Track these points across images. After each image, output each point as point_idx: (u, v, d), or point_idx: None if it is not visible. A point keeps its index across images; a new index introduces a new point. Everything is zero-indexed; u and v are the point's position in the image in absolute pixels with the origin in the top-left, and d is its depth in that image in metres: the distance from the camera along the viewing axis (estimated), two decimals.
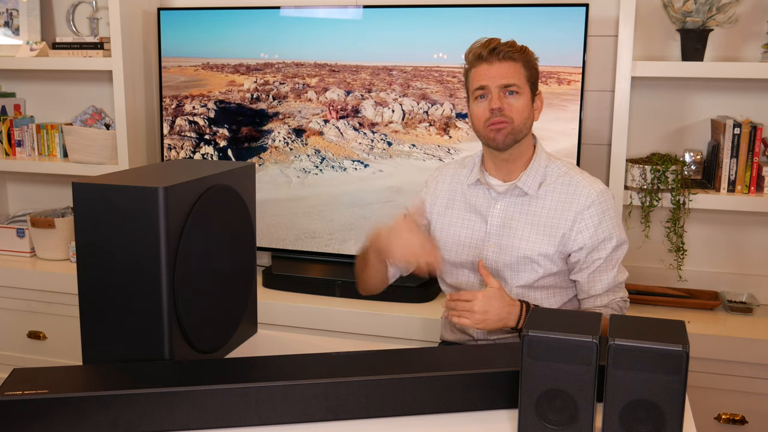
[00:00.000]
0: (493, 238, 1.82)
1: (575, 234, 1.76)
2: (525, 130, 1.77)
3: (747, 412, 2.40)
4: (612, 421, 1.22)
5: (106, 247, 1.44)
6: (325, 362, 1.43)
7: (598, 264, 1.77)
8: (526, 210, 1.80)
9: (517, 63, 1.74)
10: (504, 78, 1.73)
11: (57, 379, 1.33)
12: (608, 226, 1.77)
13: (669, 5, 2.48)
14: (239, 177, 1.70)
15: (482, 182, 1.84)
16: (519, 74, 1.74)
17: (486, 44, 1.74)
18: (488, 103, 1.74)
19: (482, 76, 1.74)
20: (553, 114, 2.53)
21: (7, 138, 3.24)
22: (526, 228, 1.79)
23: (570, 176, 1.81)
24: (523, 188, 1.80)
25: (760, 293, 2.66)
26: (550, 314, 1.34)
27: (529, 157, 1.82)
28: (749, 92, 2.59)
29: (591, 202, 1.76)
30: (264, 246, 2.91)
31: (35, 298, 3.01)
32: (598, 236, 1.76)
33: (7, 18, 3.19)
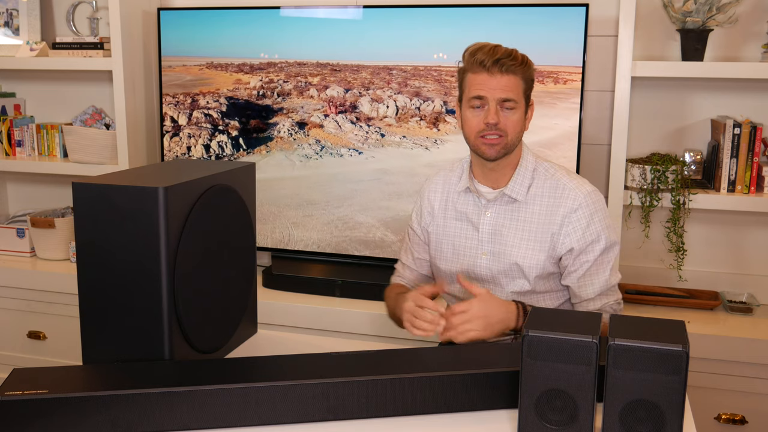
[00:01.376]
0: (485, 246, 1.82)
1: (563, 237, 1.76)
2: (516, 143, 1.77)
3: (747, 412, 2.40)
4: (612, 421, 1.22)
5: (106, 247, 1.44)
6: (325, 362, 1.43)
7: (587, 267, 1.76)
8: (516, 216, 1.80)
9: (517, 77, 1.72)
10: (503, 92, 1.71)
11: (57, 379, 1.33)
12: (597, 228, 1.75)
13: (669, 5, 2.48)
14: (239, 177, 1.70)
15: (472, 190, 1.84)
16: (518, 88, 1.72)
17: (490, 53, 1.71)
18: (484, 115, 1.72)
19: (482, 86, 1.72)
20: (554, 111, 2.53)
21: (7, 138, 3.24)
22: (517, 235, 1.79)
23: (556, 179, 1.80)
24: (511, 195, 1.79)
25: (760, 293, 2.66)
26: (550, 314, 1.34)
27: (516, 162, 1.81)
28: (749, 92, 2.59)
29: (579, 204, 1.75)
30: (264, 246, 2.92)
31: (35, 298, 3.01)
32: (586, 239, 1.75)
33: (7, 18, 3.19)
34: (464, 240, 1.85)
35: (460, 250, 1.86)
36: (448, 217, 1.89)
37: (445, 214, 1.90)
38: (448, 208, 1.89)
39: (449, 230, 1.88)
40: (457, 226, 1.87)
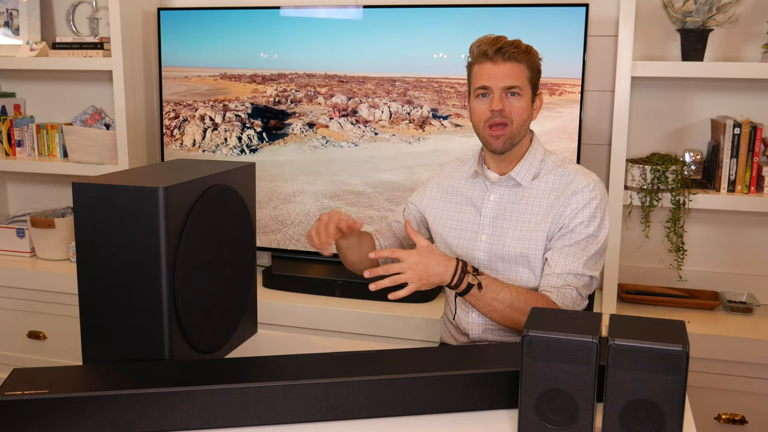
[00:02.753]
0: (486, 229, 1.83)
1: (558, 216, 1.75)
2: (523, 132, 1.79)
3: (747, 412, 2.40)
4: (612, 421, 1.22)
5: (106, 247, 1.44)
6: (325, 362, 1.43)
7: (567, 243, 1.74)
8: (518, 200, 1.81)
9: (521, 64, 1.74)
10: (507, 80, 1.74)
11: (57, 379, 1.33)
12: (590, 212, 1.75)
13: (669, 5, 2.48)
14: (239, 177, 1.70)
15: (480, 174, 1.86)
16: (522, 75, 1.75)
17: (493, 42, 1.75)
18: (489, 103, 1.75)
19: (486, 75, 1.75)
20: (553, 112, 2.54)
21: (7, 138, 3.24)
22: (519, 219, 1.79)
23: (564, 168, 1.82)
24: (516, 179, 1.81)
25: (760, 293, 2.66)
26: (550, 314, 1.34)
27: (525, 151, 1.83)
28: (749, 92, 2.59)
29: (582, 188, 1.76)
30: (264, 246, 2.92)
31: (35, 298, 3.01)
32: (578, 218, 1.74)
33: (7, 18, 3.19)
34: (465, 224, 1.87)
35: (460, 233, 1.87)
36: (452, 202, 1.91)
37: (449, 198, 1.91)
38: (454, 194, 1.91)
39: (451, 214, 1.90)
40: (459, 210, 1.89)
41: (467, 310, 1.86)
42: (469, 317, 1.86)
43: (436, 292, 2.71)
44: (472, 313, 1.85)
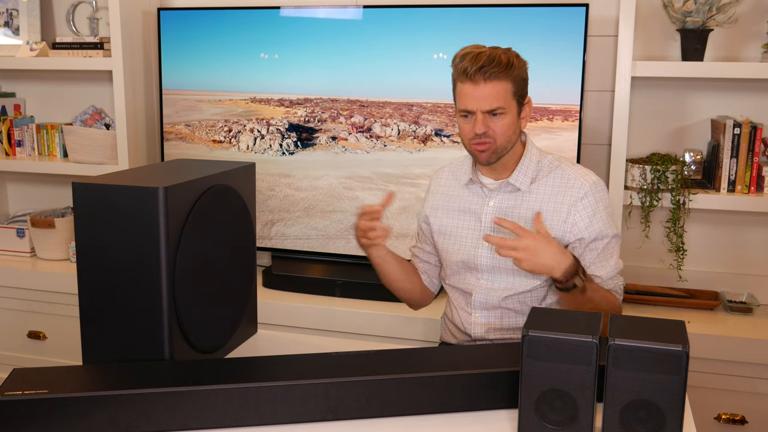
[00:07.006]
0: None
1: (571, 226, 1.76)
2: (509, 146, 1.77)
3: (747, 412, 2.40)
4: (612, 421, 1.22)
5: (106, 247, 1.44)
6: (325, 362, 1.43)
7: (595, 254, 1.78)
8: (519, 205, 1.81)
9: (502, 81, 1.70)
10: (488, 102, 1.70)
11: (57, 379, 1.33)
12: (602, 216, 1.78)
13: (669, 5, 2.48)
14: (239, 177, 1.70)
15: (475, 181, 1.85)
16: (505, 93, 1.71)
17: (473, 60, 1.69)
18: (473, 125, 1.73)
19: (467, 98, 1.72)
20: (553, 134, 2.55)
21: (7, 138, 3.24)
22: (522, 225, 1.79)
23: (561, 169, 1.81)
24: (515, 184, 1.80)
25: (760, 293, 2.66)
26: (550, 314, 1.34)
27: (519, 157, 1.82)
28: (749, 92, 2.59)
29: (584, 193, 1.77)
30: (264, 246, 2.92)
31: (35, 298, 3.01)
32: (594, 227, 1.76)
33: (7, 18, 3.19)
34: (466, 231, 1.86)
35: (462, 241, 1.87)
36: (451, 209, 1.90)
37: (448, 205, 1.91)
38: (452, 199, 1.91)
39: (452, 221, 1.89)
40: (459, 218, 1.88)
41: (470, 311, 1.86)
42: (472, 318, 1.86)
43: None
44: (475, 313, 1.85)
